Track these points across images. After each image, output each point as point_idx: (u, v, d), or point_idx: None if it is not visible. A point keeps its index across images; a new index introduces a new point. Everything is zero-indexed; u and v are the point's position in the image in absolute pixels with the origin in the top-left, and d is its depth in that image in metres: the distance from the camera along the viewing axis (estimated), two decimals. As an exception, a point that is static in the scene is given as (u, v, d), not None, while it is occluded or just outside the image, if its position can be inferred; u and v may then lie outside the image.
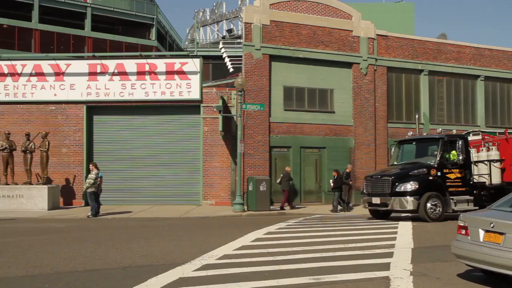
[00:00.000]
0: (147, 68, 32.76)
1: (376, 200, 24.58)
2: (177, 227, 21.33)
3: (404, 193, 23.70)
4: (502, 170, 25.79)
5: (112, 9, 54.56)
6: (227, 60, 51.58)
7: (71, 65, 33.10)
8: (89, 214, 26.65)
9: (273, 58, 33.90)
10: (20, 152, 30.81)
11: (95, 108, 33.04)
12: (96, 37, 53.17)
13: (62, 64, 33.06)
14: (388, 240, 16.96)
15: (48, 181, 31.11)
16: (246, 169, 31.78)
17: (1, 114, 32.85)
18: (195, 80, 32.43)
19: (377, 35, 36.71)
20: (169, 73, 32.59)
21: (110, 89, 32.65)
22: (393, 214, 26.16)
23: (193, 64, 32.54)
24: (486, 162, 26.05)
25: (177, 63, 32.73)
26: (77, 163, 32.47)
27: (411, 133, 27.94)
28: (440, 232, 19.55)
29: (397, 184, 23.90)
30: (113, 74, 32.79)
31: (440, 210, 23.66)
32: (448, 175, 24.53)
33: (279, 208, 30.13)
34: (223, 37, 65.19)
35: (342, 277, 11.33)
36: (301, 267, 12.30)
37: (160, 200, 31.99)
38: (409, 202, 23.50)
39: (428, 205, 23.54)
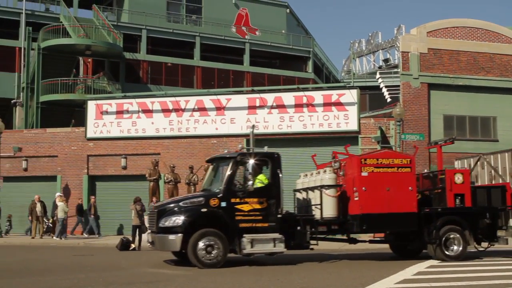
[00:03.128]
0: (304, 100, 33.13)
1: (150, 238, 19.75)
2: (335, 259, 21.23)
3: (168, 230, 18.34)
4: (345, 199, 19.95)
5: (269, 43, 55.76)
6: (384, 90, 51.15)
7: (231, 99, 34.13)
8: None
9: (431, 86, 33.27)
10: (184, 185, 32.00)
11: (254, 141, 33.68)
12: (254, 71, 54.47)
13: (222, 99, 34.18)
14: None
15: (210, 212, 31.97)
16: (405, 200, 31.12)
17: (166, 148, 34.35)
18: (353, 111, 32.39)
19: (543, 58, 35.03)
20: (327, 104, 32.77)
21: (269, 122, 33.30)
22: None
23: (350, 95, 32.54)
24: (319, 189, 20.08)
25: (334, 95, 32.87)
26: (238, 195, 33.17)
27: (226, 150, 22.18)
28: None
29: (162, 218, 18.59)
30: (272, 107, 33.43)
31: (220, 253, 18.02)
32: (239, 206, 18.64)
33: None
34: (380, 67, 64.80)
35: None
36: (466, 303, 11.84)
37: (319, 232, 31.93)
38: (172, 241, 18.15)
39: (200, 245, 17.90)
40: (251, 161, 18.83)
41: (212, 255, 17.93)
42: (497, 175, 22.35)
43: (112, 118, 35.21)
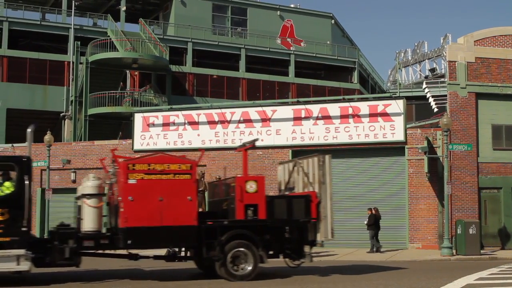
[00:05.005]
0: (350, 111, 32.97)
1: None
2: (383, 271, 21.05)
3: None
4: (117, 210, 17.75)
5: (314, 55, 55.74)
6: (431, 100, 50.67)
7: (277, 111, 34.16)
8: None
9: (479, 96, 32.81)
10: (230, 196, 32.03)
11: (300, 152, 33.61)
12: (299, 82, 54.44)
13: (268, 110, 34.23)
14: None
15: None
16: (453, 211, 30.75)
17: (212, 159, 34.51)
18: (399, 121, 32.11)
19: None
20: (372, 115, 32.55)
21: (315, 133, 33.22)
22: None
23: (396, 106, 32.27)
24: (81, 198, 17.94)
25: (380, 105, 32.64)
26: (284, 206, 33.09)
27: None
28: None
29: None
30: (317, 118, 33.34)
31: None
32: None
33: (490, 252, 28.85)
34: (426, 77, 64.18)
35: None
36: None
37: (365, 244, 31.62)
38: None
39: None
40: None
41: None
42: (308, 183, 19.87)
43: (159, 130, 35.56)
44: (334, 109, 33.33)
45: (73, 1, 48.54)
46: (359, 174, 33.06)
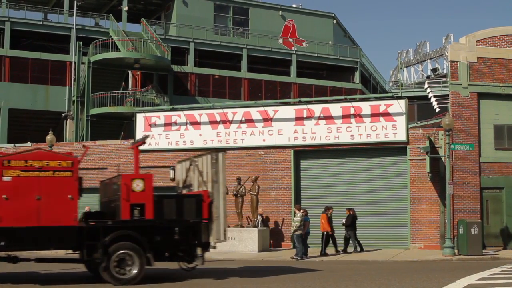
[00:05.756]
0: (352, 111, 32.94)
1: None
2: (385, 271, 21.05)
3: None
4: None
5: (316, 55, 55.72)
6: (433, 100, 50.60)
7: (279, 111, 34.13)
8: (295, 256, 27.13)
9: (481, 96, 32.77)
10: (231, 196, 32.07)
11: (302, 152, 33.71)
12: (301, 82, 54.44)
13: (270, 110, 34.21)
14: None
15: (258, 224, 32.06)
16: (455, 211, 30.72)
17: (214, 159, 34.46)
18: (401, 121, 32.08)
19: None
20: (374, 115, 32.52)
21: (316, 133, 33.19)
22: None
23: (398, 106, 32.25)
24: None
25: (382, 105, 32.61)
26: (285, 206, 33.18)
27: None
28: None
29: None
30: (319, 118, 33.31)
31: None
32: None
33: (491, 252, 28.82)
34: (428, 77, 64.13)
35: None
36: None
37: (366, 243, 31.55)
38: None
39: None
40: None
41: None
42: (202, 182, 19.41)
43: (161, 130, 35.55)
44: (336, 109, 33.30)
45: (75, 1, 48.56)
46: (360, 174, 33.04)
